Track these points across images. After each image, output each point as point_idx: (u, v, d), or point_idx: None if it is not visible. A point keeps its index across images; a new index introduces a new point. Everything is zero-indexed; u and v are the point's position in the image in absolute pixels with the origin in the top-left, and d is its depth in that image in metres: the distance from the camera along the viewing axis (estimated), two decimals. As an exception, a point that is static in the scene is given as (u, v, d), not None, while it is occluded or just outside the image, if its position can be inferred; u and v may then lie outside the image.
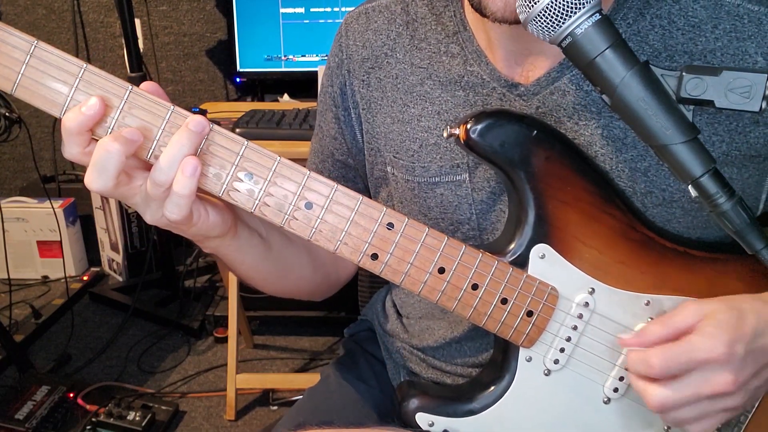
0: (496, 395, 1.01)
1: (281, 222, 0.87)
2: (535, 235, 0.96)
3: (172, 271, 3.23)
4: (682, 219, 1.00)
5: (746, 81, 0.77)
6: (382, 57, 1.12)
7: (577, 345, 0.99)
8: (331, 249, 0.90)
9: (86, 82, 0.78)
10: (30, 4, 3.33)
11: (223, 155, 0.84)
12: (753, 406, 1.03)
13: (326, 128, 1.22)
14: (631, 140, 0.97)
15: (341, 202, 0.88)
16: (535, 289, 0.96)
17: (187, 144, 0.80)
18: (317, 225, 0.88)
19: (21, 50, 0.77)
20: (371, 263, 0.91)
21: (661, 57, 0.97)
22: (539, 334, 0.98)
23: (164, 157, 0.80)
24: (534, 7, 0.79)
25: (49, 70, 0.78)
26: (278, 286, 1.14)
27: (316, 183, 0.87)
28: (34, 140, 2.88)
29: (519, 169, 0.95)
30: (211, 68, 3.39)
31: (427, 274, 0.93)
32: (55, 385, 2.49)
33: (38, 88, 0.78)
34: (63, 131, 0.79)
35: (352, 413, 1.21)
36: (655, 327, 0.90)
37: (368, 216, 0.90)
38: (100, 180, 0.79)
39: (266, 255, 1.03)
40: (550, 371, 1.00)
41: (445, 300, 0.94)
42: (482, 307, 0.95)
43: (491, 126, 0.93)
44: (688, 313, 0.88)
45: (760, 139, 0.97)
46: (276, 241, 1.04)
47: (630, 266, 0.98)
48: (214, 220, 0.89)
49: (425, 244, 0.92)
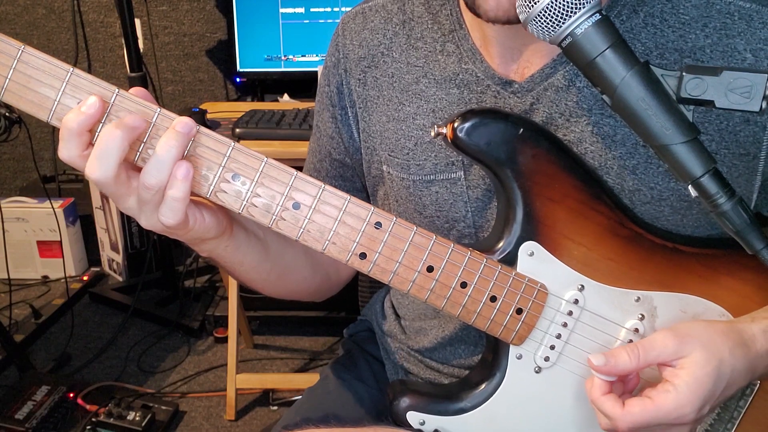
0: (487, 393, 1.01)
1: (269, 222, 0.88)
2: (523, 233, 0.96)
3: (172, 271, 3.24)
4: (671, 217, 1.00)
5: (746, 81, 0.77)
6: (379, 56, 1.12)
7: (568, 342, 0.99)
8: (320, 249, 0.90)
9: (73, 86, 0.79)
10: (30, 4, 3.33)
11: (210, 157, 0.84)
12: (741, 411, 1.03)
13: (323, 128, 1.22)
14: (621, 137, 0.97)
15: (329, 201, 0.89)
16: (524, 287, 0.96)
17: (175, 145, 0.80)
18: (305, 225, 0.89)
19: (8, 55, 0.77)
20: (360, 262, 0.92)
21: (652, 55, 0.97)
22: (529, 331, 0.98)
23: (153, 160, 0.80)
24: (534, 8, 0.79)
25: (36, 74, 0.78)
26: (278, 287, 1.15)
27: (303, 183, 0.87)
28: (34, 140, 2.89)
29: (506, 167, 0.95)
30: (211, 68, 3.39)
31: (416, 272, 0.93)
32: (55, 385, 2.50)
33: (25, 93, 0.79)
34: (63, 133, 0.79)
35: (351, 413, 1.21)
36: (628, 357, 0.88)
37: (356, 215, 0.90)
38: (101, 168, 0.79)
39: (264, 256, 1.03)
40: (541, 369, 1.00)
41: (434, 298, 0.94)
42: (471, 305, 0.95)
43: (478, 125, 0.93)
44: (666, 351, 0.88)
45: (749, 137, 0.97)
46: (274, 241, 1.04)
47: (619, 263, 0.98)
48: (209, 222, 0.89)
49: (413, 243, 0.92)
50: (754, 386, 1.03)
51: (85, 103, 0.78)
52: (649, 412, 0.86)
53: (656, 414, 0.86)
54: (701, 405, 0.86)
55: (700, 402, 0.86)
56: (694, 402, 0.85)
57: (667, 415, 0.86)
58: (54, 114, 0.79)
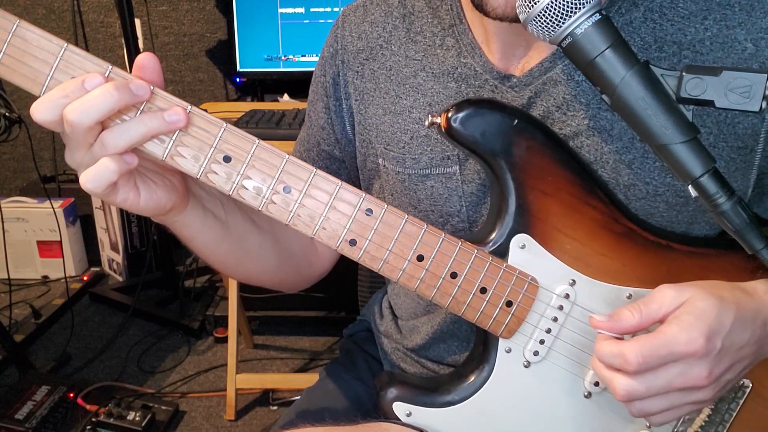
0: (475, 386, 1.00)
1: (259, 206, 0.87)
2: (515, 225, 0.95)
3: (172, 271, 3.24)
4: (665, 213, 0.99)
5: (746, 81, 0.77)
6: (377, 49, 1.12)
7: (558, 337, 0.98)
8: (310, 234, 0.89)
9: (66, 62, 0.79)
10: (30, 4, 3.34)
11: (202, 137, 0.84)
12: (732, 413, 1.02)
13: (315, 118, 1.22)
14: (618, 132, 0.97)
15: (320, 186, 0.88)
16: (515, 279, 0.95)
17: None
18: (295, 209, 0.88)
19: (3, 29, 0.78)
20: (350, 249, 0.91)
21: (651, 49, 0.97)
22: (519, 324, 0.97)
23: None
24: (534, 8, 0.79)
25: (30, 49, 0.79)
26: (237, 270, 1.14)
27: (294, 167, 0.87)
28: (34, 140, 2.89)
29: (500, 159, 0.94)
30: (211, 68, 3.40)
31: (406, 261, 0.92)
32: (55, 385, 2.50)
33: (19, 67, 0.79)
34: (69, 131, 0.78)
35: (351, 413, 1.20)
36: (630, 313, 0.86)
37: (347, 201, 0.89)
38: (80, 118, 0.77)
39: (222, 237, 1.02)
40: (530, 363, 0.99)
41: (423, 288, 0.94)
42: (461, 296, 0.95)
43: (472, 115, 0.93)
44: (665, 300, 0.85)
45: (747, 130, 0.96)
46: (237, 225, 1.03)
47: (612, 258, 0.97)
48: (145, 205, 0.87)
49: (404, 231, 0.91)
50: (746, 389, 1.01)
51: (91, 80, 0.77)
52: (656, 339, 0.83)
53: (665, 341, 0.82)
54: (709, 332, 0.82)
55: (707, 328, 0.82)
56: (700, 327, 0.82)
57: (675, 342, 0.82)
58: (47, 89, 0.79)
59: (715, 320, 0.83)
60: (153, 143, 0.82)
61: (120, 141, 0.79)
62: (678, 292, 0.86)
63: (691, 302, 0.84)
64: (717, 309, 0.84)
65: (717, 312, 0.83)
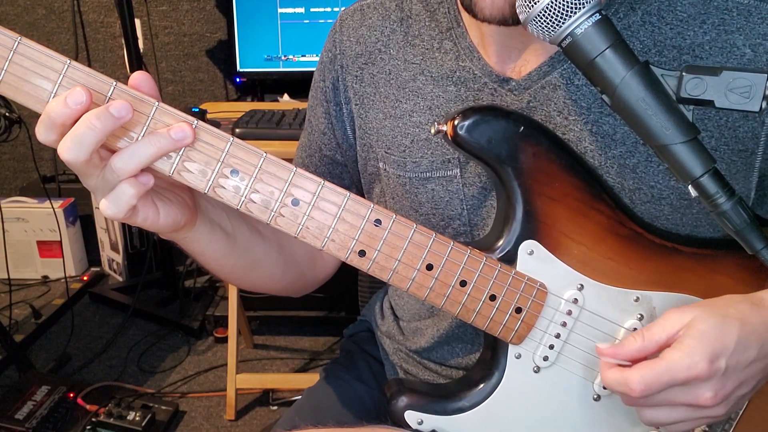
0: (485, 393, 1.00)
1: (268, 219, 0.87)
2: (523, 232, 0.96)
3: (172, 271, 3.24)
4: (670, 216, 1.00)
5: (746, 81, 0.77)
6: (376, 53, 1.12)
7: (567, 342, 0.98)
8: (319, 246, 0.89)
9: (70, 79, 0.78)
10: (30, 5, 3.33)
11: (209, 152, 0.83)
12: (739, 411, 1.02)
13: (316, 123, 1.22)
14: (621, 136, 0.97)
15: (328, 198, 0.88)
16: (524, 286, 0.95)
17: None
18: (304, 221, 0.88)
19: (4, 46, 0.77)
20: (359, 260, 0.91)
21: (650, 53, 0.97)
22: (528, 330, 0.97)
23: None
24: (534, 8, 0.79)
25: (32, 66, 0.77)
26: (245, 280, 1.14)
27: (302, 179, 0.87)
28: (34, 140, 2.85)
29: (506, 166, 0.94)
30: (211, 68, 3.39)
31: (415, 270, 0.92)
32: (55, 385, 2.50)
33: (22, 85, 0.78)
34: (45, 119, 0.77)
35: (351, 413, 1.21)
36: (634, 339, 0.88)
37: (355, 212, 0.89)
38: (73, 152, 0.77)
39: (230, 250, 1.02)
40: (540, 368, 1.00)
41: (433, 297, 0.94)
42: (471, 304, 0.95)
43: (478, 122, 0.93)
44: (668, 324, 0.86)
45: (748, 132, 0.97)
46: (243, 237, 1.03)
47: (619, 262, 0.97)
48: (164, 222, 0.87)
49: (413, 241, 0.91)
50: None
51: (73, 96, 0.75)
52: (658, 366, 0.83)
53: (666, 368, 0.83)
54: (712, 355, 0.82)
55: (708, 351, 0.82)
56: (702, 351, 0.82)
57: (677, 368, 0.82)
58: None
59: (718, 341, 0.84)
60: (160, 160, 0.82)
61: (129, 165, 0.79)
62: (681, 314, 0.86)
63: (693, 325, 0.85)
64: (719, 330, 0.84)
65: (719, 333, 0.84)
